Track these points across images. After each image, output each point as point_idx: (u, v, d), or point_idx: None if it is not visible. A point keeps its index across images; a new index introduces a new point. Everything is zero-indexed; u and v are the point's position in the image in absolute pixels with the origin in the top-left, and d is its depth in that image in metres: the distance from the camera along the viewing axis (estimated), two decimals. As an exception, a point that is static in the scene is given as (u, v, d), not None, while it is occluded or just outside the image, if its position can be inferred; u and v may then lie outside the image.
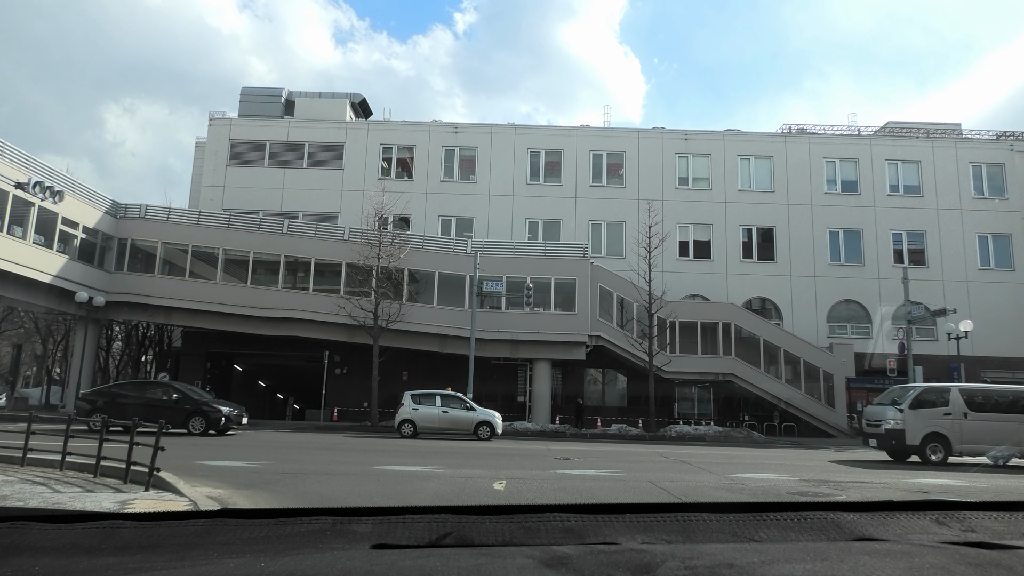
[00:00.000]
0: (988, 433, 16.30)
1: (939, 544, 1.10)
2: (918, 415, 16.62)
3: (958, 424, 16.37)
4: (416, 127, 36.21)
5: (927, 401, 16.95)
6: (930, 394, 17.28)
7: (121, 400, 19.84)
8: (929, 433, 16.31)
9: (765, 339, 30.65)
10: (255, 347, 31.00)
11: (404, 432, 21.37)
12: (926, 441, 16.31)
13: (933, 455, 16.23)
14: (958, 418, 16.48)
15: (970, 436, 16.31)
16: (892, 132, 37.80)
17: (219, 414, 19.65)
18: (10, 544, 1.03)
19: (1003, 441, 16.35)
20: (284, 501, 8.74)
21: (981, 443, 16.34)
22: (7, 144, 23.57)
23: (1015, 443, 16.30)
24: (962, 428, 16.32)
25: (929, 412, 16.64)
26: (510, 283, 28.88)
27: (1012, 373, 31.48)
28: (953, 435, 16.26)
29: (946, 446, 16.29)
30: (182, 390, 20.63)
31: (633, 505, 1.27)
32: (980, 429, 16.33)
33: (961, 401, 16.67)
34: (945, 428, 16.34)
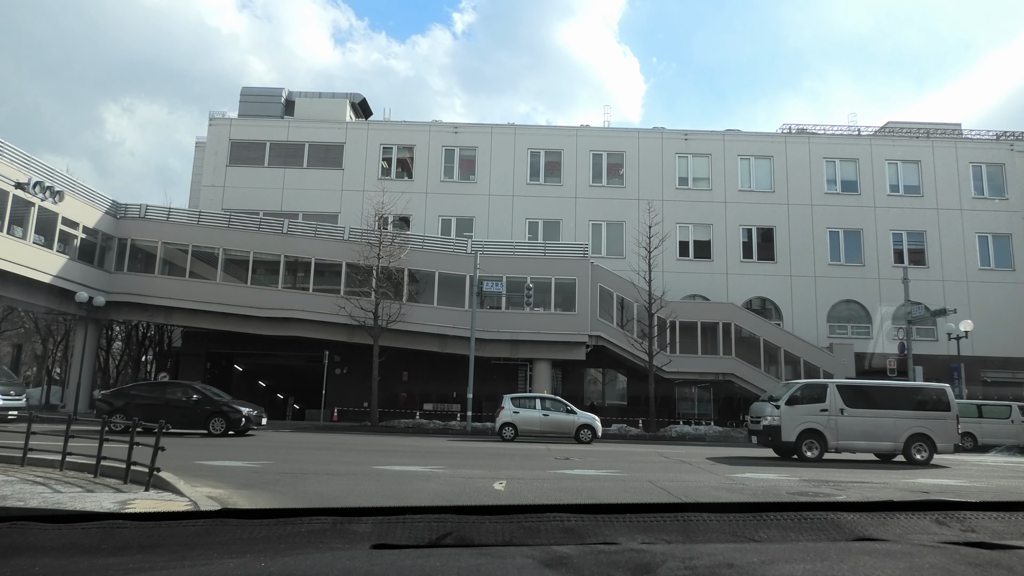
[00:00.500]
0: (864, 429, 16.19)
1: (939, 544, 1.09)
2: (794, 411, 16.50)
3: (834, 420, 16.24)
4: (416, 127, 36.21)
5: (804, 397, 16.80)
6: (808, 390, 17.12)
7: (141, 401, 19.76)
8: (805, 429, 16.19)
9: (765, 339, 30.65)
10: (255, 347, 30.99)
11: (505, 435, 21.25)
12: (802, 437, 16.21)
13: (809, 451, 16.12)
14: (835, 414, 16.34)
15: (846, 432, 16.19)
16: (892, 132, 37.79)
17: (239, 415, 19.55)
18: (10, 544, 1.03)
19: (878, 437, 16.32)
20: (284, 501, 8.74)
21: (857, 439, 16.27)
22: (7, 144, 23.57)
23: (888, 438, 16.24)
24: (838, 424, 16.20)
25: (805, 408, 16.50)
26: (510, 283, 28.87)
27: (1012, 373, 31.50)
28: (829, 431, 16.15)
29: (822, 442, 16.18)
30: (202, 391, 20.48)
31: (633, 505, 1.27)
32: (856, 425, 16.21)
33: (839, 397, 16.50)
34: (821, 424, 16.23)
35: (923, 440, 16.23)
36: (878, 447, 16.47)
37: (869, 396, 17.05)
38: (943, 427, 16.36)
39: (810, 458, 16.04)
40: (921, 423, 16.34)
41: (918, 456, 16.12)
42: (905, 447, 16.19)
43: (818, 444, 16.20)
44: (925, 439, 16.23)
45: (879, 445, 16.42)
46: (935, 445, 16.19)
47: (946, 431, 16.35)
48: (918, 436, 16.24)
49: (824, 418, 16.32)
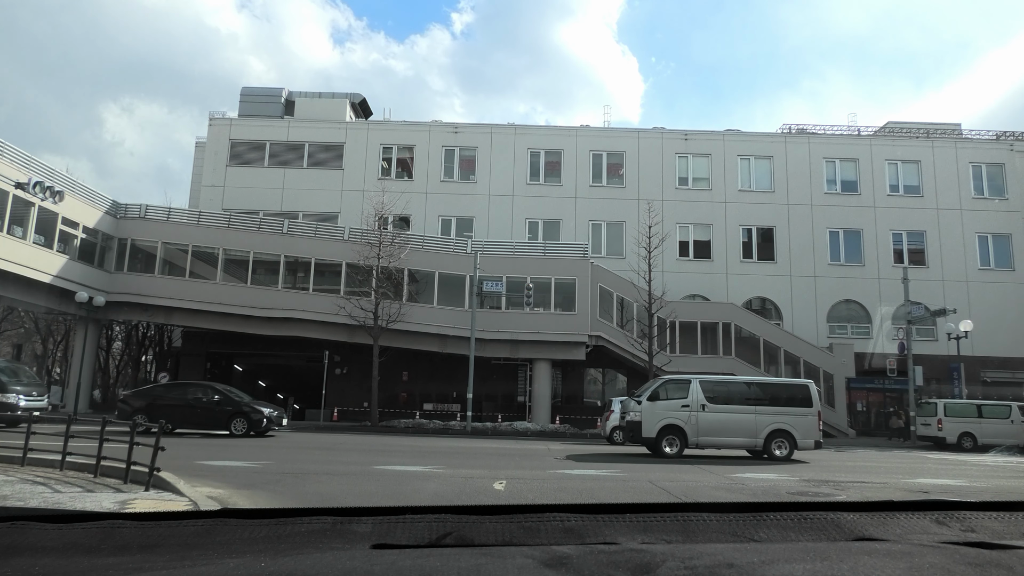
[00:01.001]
0: (725, 425, 16.12)
1: (939, 544, 1.10)
2: (655, 407, 16.41)
3: (695, 416, 16.14)
4: (416, 127, 36.21)
5: (667, 394, 16.74)
6: (671, 386, 17.02)
7: (163, 402, 19.76)
8: (666, 425, 16.10)
9: (765, 339, 30.65)
10: (255, 347, 30.99)
11: (616, 439, 20.92)
12: (662, 433, 16.12)
13: (668, 448, 16.03)
14: (696, 411, 16.23)
15: (707, 428, 16.10)
16: (892, 132, 37.79)
17: (260, 415, 19.51)
18: (10, 544, 1.03)
19: (738, 433, 16.20)
20: (284, 501, 8.74)
21: (718, 435, 16.18)
22: (7, 144, 23.57)
23: (748, 435, 16.10)
24: (699, 420, 16.10)
25: (667, 405, 16.41)
26: (510, 283, 28.87)
27: (1012, 373, 31.50)
28: (690, 428, 16.04)
29: (682, 438, 16.09)
30: (223, 391, 20.41)
31: (633, 505, 1.27)
32: (717, 421, 16.12)
33: (700, 393, 16.41)
34: (682, 420, 16.12)
35: (784, 436, 16.07)
36: (738, 443, 16.28)
37: (732, 392, 16.91)
38: (805, 423, 16.19)
39: (669, 454, 15.90)
40: (783, 419, 16.19)
41: (777, 452, 15.95)
42: (765, 443, 16.02)
43: (678, 440, 16.09)
44: (786, 435, 16.08)
45: (739, 441, 16.27)
46: (796, 441, 16.04)
47: (808, 427, 16.19)
48: (779, 432, 16.10)
49: (685, 414, 16.20)
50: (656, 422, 16.16)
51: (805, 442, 16.11)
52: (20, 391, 19.54)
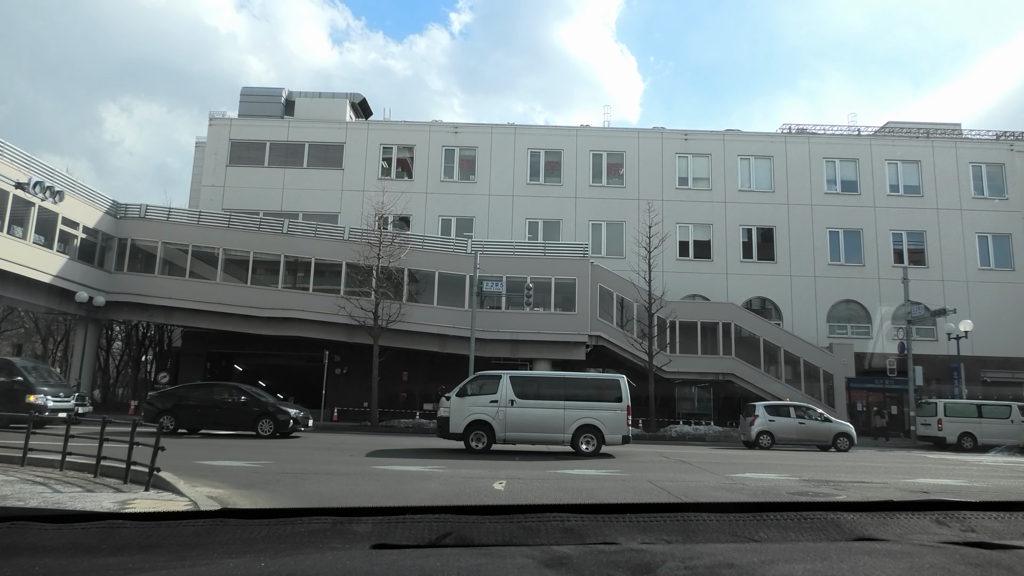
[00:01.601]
0: (533, 420, 16.08)
1: (939, 544, 1.09)
2: (464, 403, 16.39)
3: (504, 412, 16.10)
4: (416, 127, 36.21)
5: (477, 389, 16.71)
6: (481, 382, 16.98)
7: (189, 403, 19.72)
8: (473, 421, 16.05)
9: (765, 339, 30.64)
10: (255, 347, 30.99)
11: (762, 443, 21.25)
12: (470, 429, 16.10)
13: (476, 443, 16.01)
14: (505, 406, 16.17)
15: (515, 424, 16.04)
16: (892, 132, 37.79)
17: (287, 416, 19.48)
18: (10, 544, 1.03)
19: (547, 429, 16.11)
20: (284, 501, 8.74)
21: (526, 430, 16.14)
22: (7, 144, 23.57)
23: (557, 430, 16.03)
24: (507, 416, 16.06)
25: (475, 400, 16.38)
26: (510, 283, 28.87)
27: (1012, 373, 31.50)
28: (498, 423, 15.98)
29: (490, 434, 16.05)
30: (250, 392, 20.35)
31: (633, 505, 1.27)
32: (526, 416, 16.08)
33: (510, 389, 16.35)
34: (490, 416, 16.07)
35: (591, 431, 16.07)
36: (546, 438, 16.25)
37: (543, 388, 16.84)
38: (614, 418, 16.18)
39: (477, 449, 15.87)
40: (591, 414, 16.18)
41: (584, 447, 15.95)
42: (573, 438, 16.02)
43: (486, 436, 16.05)
44: (594, 430, 16.07)
45: (547, 436, 16.23)
46: (603, 436, 16.05)
47: (616, 422, 16.16)
48: (587, 427, 16.09)
49: (494, 409, 16.14)
50: (464, 417, 16.12)
51: (613, 437, 16.09)
52: (48, 392, 19.48)
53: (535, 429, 16.13)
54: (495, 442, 16.07)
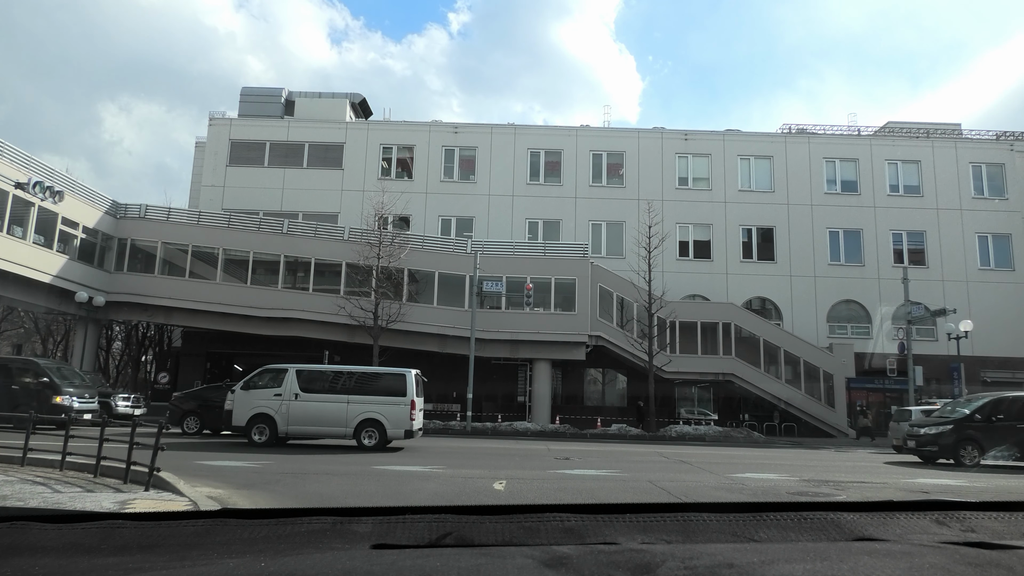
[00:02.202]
0: (316, 414, 16.08)
1: (939, 544, 1.10)
2: (248, 396, 16.36)
3: (287, 405, 16.07)
4: (416, 127, 36.22)
5: (263, 382, 16.68)
6: (267, 375, 16.95)
7: (214, 403, 19.54)
8: (256, 414, 16.01)
9: (765, 339, 30.64)
10: (255, 347, 30.95)
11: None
12: (252, 422, 16.07)
13: (257, 436, 15.99)
14: (288, 399, 16.16)
15: (298, 418, 16.02)
16: (892, 132, 37.80)
17: None
18: (10, 544, 1.03)
19: (329, 422, 16.06)
20: (284, 501, 8.74)
21: (309, 424, 16.11)
22: (7, 144, 23.57)
23: (339, 424, 15.98)
24: (290, 410, 16.03)
25: (260, 393, 16.36)
26: (510, 283, 28.87)
27: (1012, 373, 31.49)
28: (280, 416, 15.94)
29: (272, 427, 16.03)
30: None
31: (633, 505, 1.27)
32: (309, 410, 16.08)
33: (295, 382, 16.38)
34: (273, 409, 16.04)
35: (374, 426, 16.05)
36: (329, 432, 16.25)
37: (328, 381, 16.86)
38: (397, 413, 16.14)
39: (259, 443, 15.82)
40: (375, 408, 16.16)
41: (366, 441, 15.98)
42: (355, 432, 16.02)
43: (268, 429, 16.02)
44: (376, 424, 16.04)
45: (330, 430, 16.23)
46: (386, 431, 16.03)
47: (399, 417, 16.11)
48: (369, 421, 16.06)
49: (277, 403, 16.10)
50: (247, 410, 16.09)
51: (395, 431, 16.07)
52: (73, 393, 19.43)
53: (318, 423, 16.16)
54: (277, 436, 16.07)
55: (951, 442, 16.22)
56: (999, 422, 16.38)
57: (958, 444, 16.21)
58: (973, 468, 15.61)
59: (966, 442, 16.25)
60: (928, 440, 16.62)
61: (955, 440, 16.23)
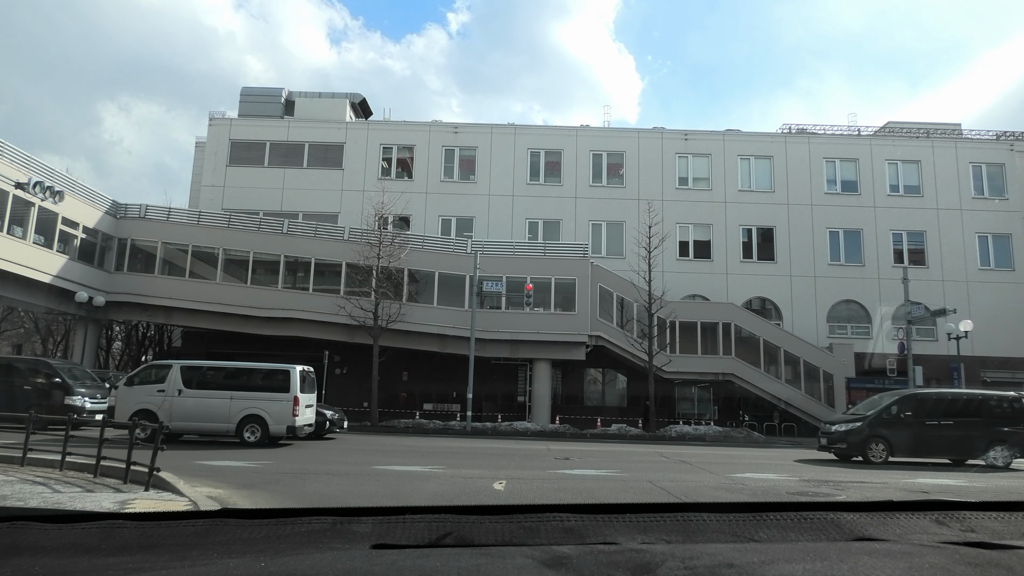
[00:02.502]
0: (199, 410, 16.18)
1: (939, 544, 1.10)
2: (132, 392, 16.48)
3: (170, 401, 16.16)
4: (416, 127, 36.22)
5: (146, 378, 16.83)
6: (152, 371, 17.10)
7: None
8: (139, 410, 15.95)
9: (765, 339, 30.64)
10: (255, 347, 30.90)
11: None
12: (134, 418, 15.86)
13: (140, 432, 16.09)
14: (172, 395, 16.27)
15: (181, 413, 16.09)
16: (892, 132, 37.80)
17: (323, 418, 19.40)
18: (10, 544, 1.03)
19: (212, 419, 16.20)
20: (284, 501, 8.74)
21: (192, 420, 16.22)
22: (7, 144, 23.57)
23: (222, 420, 16.10)
24: (173, 405, 16.10)
25: (143, 389, 16.46)
26: (510, 283, 28.87)
27: (1012, 373, 31.49)
28: (163, 412, 15.90)
29: (154, 422, 16.10)
30: None
31: (633, 505, 1.27)
32: (192, 406, 16.17)
33: (179, 378, 16.51)
34: (155, 405, 16.05)
35: (256, 421, 16.18)
36: (212, 428, 16.38)
37: (213, 378, 17.08)
38: (280, 409, 16.27)
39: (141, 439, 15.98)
40: (258, 404, 16.30)
41: (249, 437, 16.09)
42: (238, 428, 16.14)
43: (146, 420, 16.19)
44: (258, 420, 16.17)
45: (213, 426, 16.34)
46: (268, 427, 16.12)
47: (282, 413, 16.23)
48: (251, 417, 16.19)
49: (160, 399, 16.19)
50: (130, 407, 16.08)
51: (277, 428, 16.20)
52: (85, 393, 19.41)
53: (201, 419, 16.28)
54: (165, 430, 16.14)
55: (860, 439, 16.27)
56: (908, 419, 16.46)
57: (867, 441, 16.25)
58: (881, 465, 15.63)
59: (875, 439, 16.29)
60: (838, 437, 16.65)
61: (864, 437, 16.29)
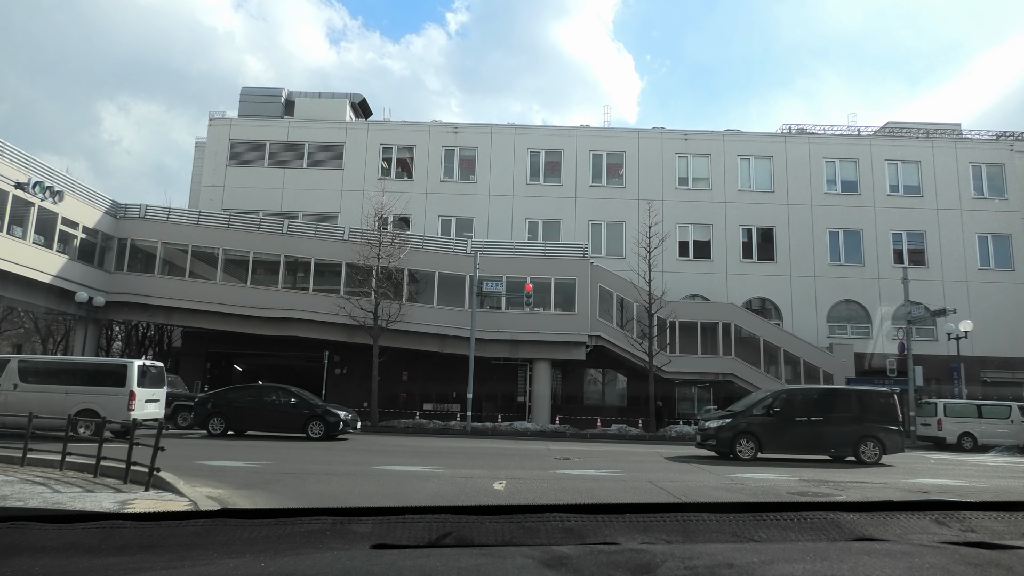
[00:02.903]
0: (34, 403, 15.95)
1: (939, 544, 1.10)
2: None
3: (4, 395, 16.33)
4: (416, 127, 36.22)
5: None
6: None
7: (239, 404, 19.75)
8: None
9: (765, 339, 30.64)
10: (255, 347, 30.99)
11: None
12: None
13: None
14: (7, 389, 16.46)
15: (16, 407, 16.01)
16: (892, 132, 37.80)
17: (336, 418, 19.43)
18: (10, 544, 1.03)
19: (46, 412, 16.01)
20: (284, 501, 8.74)
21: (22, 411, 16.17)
22: (7, 144, 23.57)
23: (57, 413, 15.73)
24: (8, 400, 16.21)
25: None
26: (510, 283, 28.87)
27: (1012, 373, 31.51)
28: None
29: None
30: (298, 394, 20.25)
31: (633, 505, 1.27)
32: (27, 400, 16.18)
33: (16, 373, 16.68)
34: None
35: (90, 415, 16.09)
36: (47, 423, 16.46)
37: (49, 372, 17.30)
38: (113, 403, 16.36)
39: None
40: (91, 399, 16.47)
41: (82, 431, 15.96)
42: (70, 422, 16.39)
43: None
44: (93, 415, 16.10)
45: (49, 421, 16.07)
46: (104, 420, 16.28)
47: (116, 407, 16.31)
48: (85, 412, 16.23)
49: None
50: None
51: (112, 425, 15.99)
52: None
53: (42, 410, 16.11)
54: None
55: (729, 436, 16.25)
56: (778, 416, 16.42)
57: (736, 438, 16.20)
58: (751, 462, 15.53)
59: (744, 436, 16.23)
60: (710, 434, 16.64)
61: (733, 434, 16.25)
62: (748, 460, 15.81)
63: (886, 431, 16.40)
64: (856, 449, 16.18)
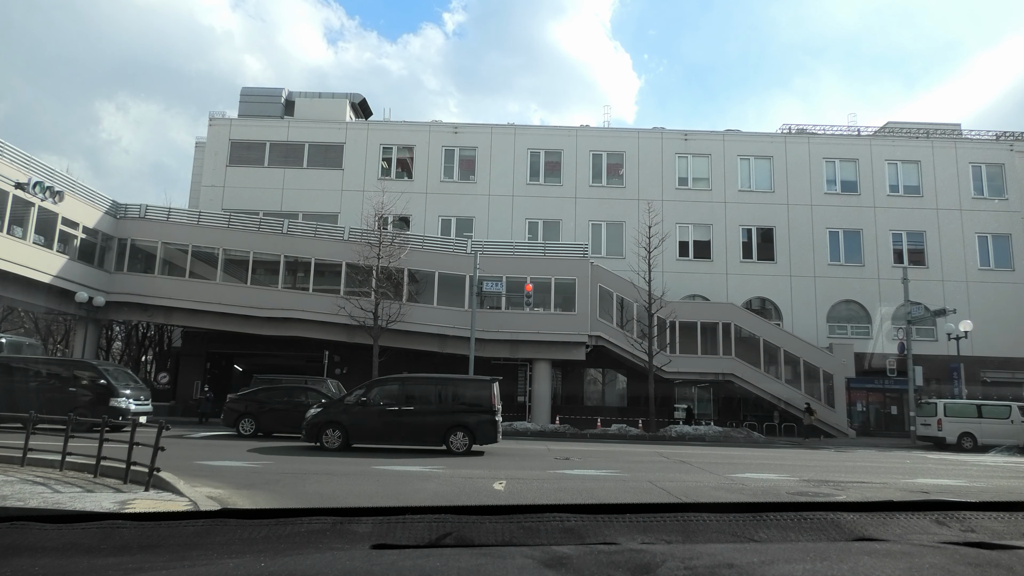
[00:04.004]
0: None
1: (939, 544, 1.09)
2: None
3: None
4: (416, 127, 36.22)
5: None
6: None
7: (268, 406, 19.71)
8: None
9: (765, 339, 30.63)
10: (255, 347, 30.97)
11: None
12: None
13: None
14: None
15: None
16: (892, 132, 37.80)
17: None
18: (10, 544, 1.03)
19: None
20: (284, 501, 8.74)
21: None
22: (7, 144, 23.57)
23: None
24: None
25: None
26: (510, 283, 28.86)
27: (1012, 373, 31.51)
28: None
29: None
30: (327, 394, 20.19)
31: (633, 505, 1.27)
32: None
33: None
34: None
35: None
36: None
37: None
38: None
39: None
40: None
41: None
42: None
43: None
44: None
45: None
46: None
47: None
48: None
49: None
50: None
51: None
52: (130, 395, 19.38)
53: None
54: None
55: (316, 425, 15.99)
56: (368, 405, 16.24)
57: (323, 427, 15.91)
58: (337, 451, 15.29)
59: (331, 425, 15.94)
60: (306, 424, 16.27)
61: (321, 423, 16.00)
62: (336, 450, 15.40)
63: (478, 420, 15.90)
64: (445, 439, 15.76)
